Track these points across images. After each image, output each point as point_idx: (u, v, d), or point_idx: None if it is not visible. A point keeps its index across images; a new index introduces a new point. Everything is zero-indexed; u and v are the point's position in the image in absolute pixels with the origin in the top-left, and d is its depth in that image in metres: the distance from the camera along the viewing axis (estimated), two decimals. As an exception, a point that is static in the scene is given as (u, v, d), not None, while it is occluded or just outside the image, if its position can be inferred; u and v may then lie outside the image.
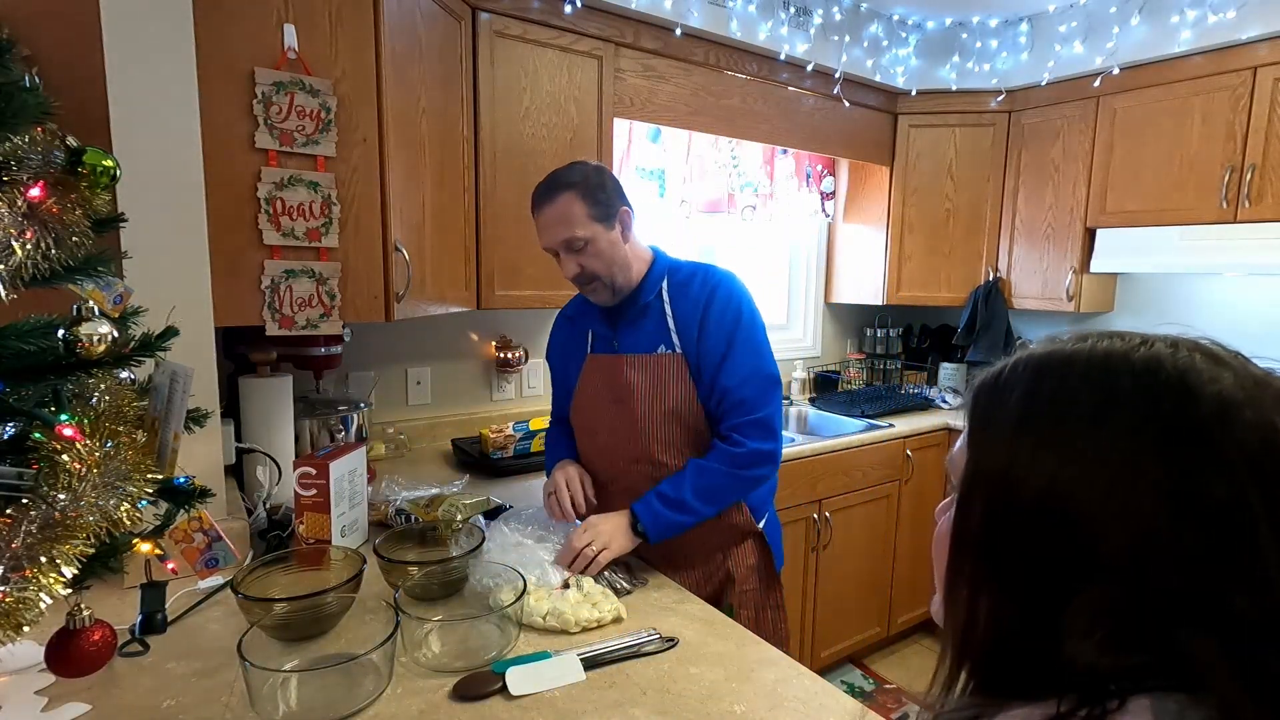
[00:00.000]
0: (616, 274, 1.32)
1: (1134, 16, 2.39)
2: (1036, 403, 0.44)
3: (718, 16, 2.27)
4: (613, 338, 1.40)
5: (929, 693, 0.46)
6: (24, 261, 0.68)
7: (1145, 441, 0.39)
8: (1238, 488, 0.37)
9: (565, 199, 1.26)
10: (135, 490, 0.75)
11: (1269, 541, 0.37)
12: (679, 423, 1.35)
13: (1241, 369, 0.41)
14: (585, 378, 1.45)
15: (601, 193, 1.27)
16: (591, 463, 1.49)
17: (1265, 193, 2.18)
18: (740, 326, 1.31)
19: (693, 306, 1.33)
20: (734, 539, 1.40)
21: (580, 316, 1.48)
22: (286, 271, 1.42)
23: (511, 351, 2.33)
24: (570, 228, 1.26)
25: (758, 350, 1.33)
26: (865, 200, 3.05)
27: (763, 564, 1.42)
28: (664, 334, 1.35)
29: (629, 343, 1.38)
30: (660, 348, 1.35)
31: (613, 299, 1.36)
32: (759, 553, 1.42)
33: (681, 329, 1.34)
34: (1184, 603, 0.38)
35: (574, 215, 1.26)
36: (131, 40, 1.17)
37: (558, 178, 1.29)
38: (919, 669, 2.75)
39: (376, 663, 0.89)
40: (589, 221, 1.27)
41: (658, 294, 1.36)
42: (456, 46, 1.81)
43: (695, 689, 0.94)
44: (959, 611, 0.45)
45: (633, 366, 1.36)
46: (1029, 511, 0.42)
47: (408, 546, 1.25)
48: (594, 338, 1.45)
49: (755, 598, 1.41)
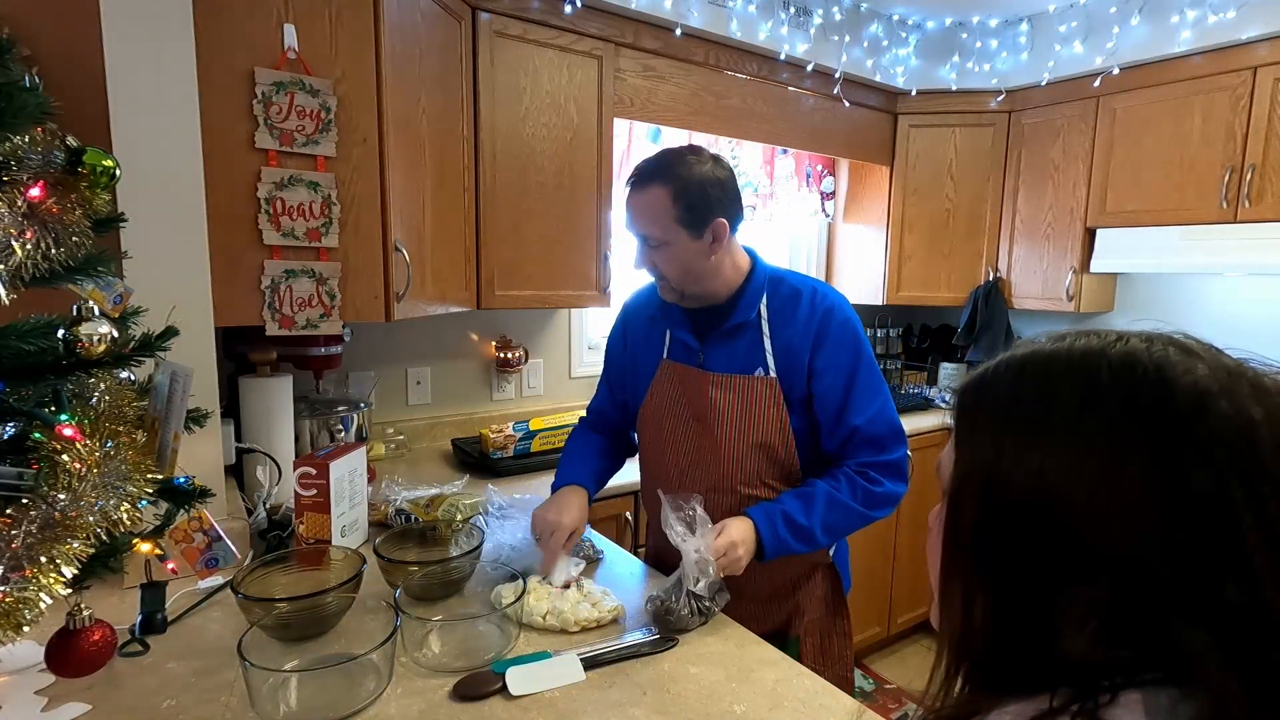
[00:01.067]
0: (689, 284, 1.21)
1: (1134, 16, 2.39)
2: (1020, 402, 0.45)
3: (718, 16, 2.27)
4: (699, 351, 1.27)
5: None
6: (24, 261, 0.68)
7: (1125, 435, 0.40)
8: (1218, 478, 0.38)
9: (654, 193, 1.15)
10: (135, 490, 0.75)
11: (1253, 530, 0.37)
12: (767, 454, 1.24)
13: (1214, 360, 0.42)
14: (660, 385, 1.33)
15: (699, 197, 1.15)
16: (658, 477, 1.36)
17: (1265, 193, 2.18)
18: (863, 360, 1.22)
19: (800, 331, 1.21)
20: (805, 571, 1.32)
21: (663, 317, 1.33)
22: (286, 271, 1.42)
23: (511, 351, 2.33)
24: (650, 224, 1.17)
25: (880, 388, 1.23)
26: (865, 200, 3.05)
27: (831, 592, 1.35)
28: (759, 356, 1.23)
29: (719, 360, 1.25)
30: (758, 370, 1.23)
31: (680, 301, 1.25)
32: (827, 581, 1.35)
33: (779, 352, 1.22)
34: (1176, 594, 0.38)
35: (658, 212, 1.15)
36: (131, 40, 1.17)
37: (657, 165, 1.17)
38: (919, 669, 2.75)
39: (376, 663, 0.89)
40: (673, 224, 1.15)
41: (757, 312, 1.24)
42: (456, 46, 1.81)
43: (695, 689, 0.94)
44: (954, 611, 0.46)
45: (720, 386, 1.24)
46: (1018, 508, 0.43)
47: (408, 546, 1.25)
48: (673, 342, 1.32)
49: (821, 625, 1.33)
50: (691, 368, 1.28)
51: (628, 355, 1.42)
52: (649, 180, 1.16)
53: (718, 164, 1.18)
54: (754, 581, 1.24)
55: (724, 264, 1.22)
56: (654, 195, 1.15)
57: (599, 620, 1.10)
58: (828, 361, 1.20)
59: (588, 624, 1.09)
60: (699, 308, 1.27)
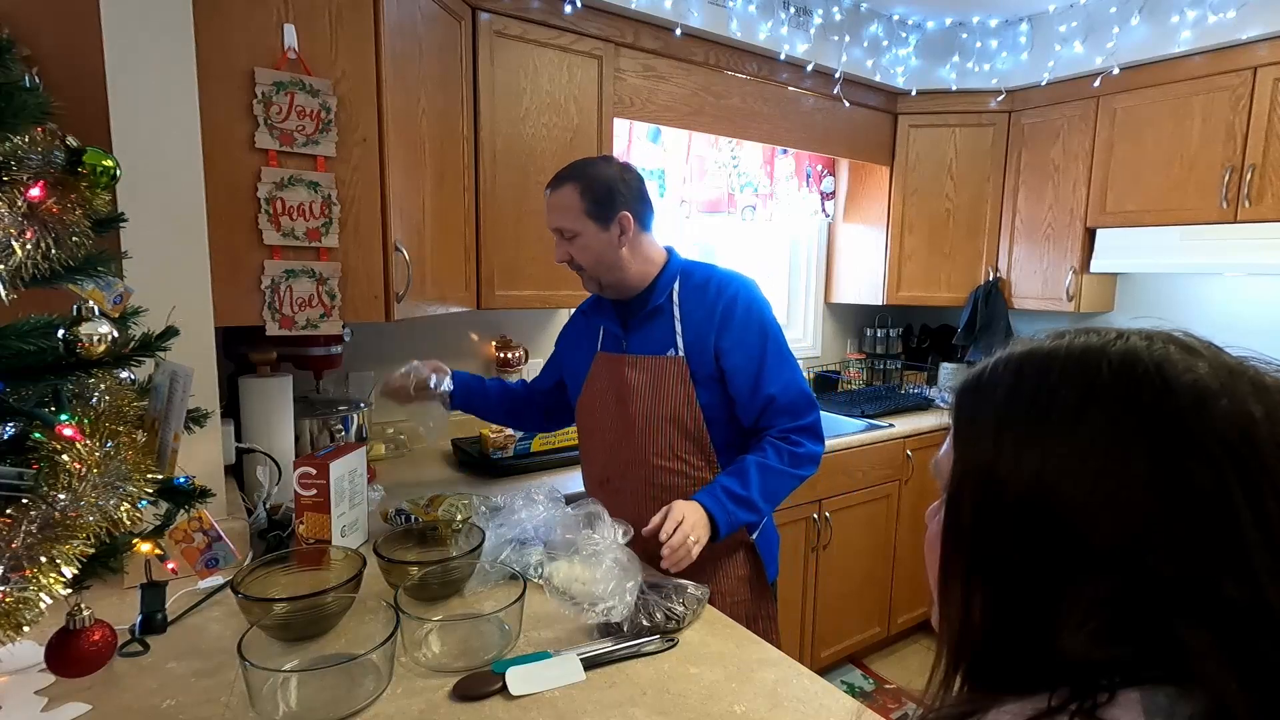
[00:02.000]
0: (603, 272, 1.35)
1: (1134, 16, 2.39)
2: (1018, 399, 0.45)
3: (718, 16, 2.27)
4: (623, 338, 1.42)
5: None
6: (24, 261, 0.68)
7: (1126, 433, 0.40)
8: (1219, 476, 0.38)
9: (566, 190, 1.31)
10: (135, 490, 0.75)
11: (1251, 529, 0.37)
12: (677, 427, 1.36)
13: (1215, 358, 0.41)
14: (592, 376, 1.46)
15: (604, 193, 1.30)
16: (591, 461, 1.51)
17: (1265, 193, 2.18)
18: (769, 336, 1.34)
19: (706, 312, 1.34)
20: (724, 550, 1.38)
21: (594, 312, 1.50)
22: (286, 271, 1.42)
23: (511, 351, 2.33)
24: (561, 217, 1.32)
25: (788, 359, 1.36)
26: (865, 200, 3.05)
27: (754, 574, 1.43)
28: (671, 337, 1.36)
29: (637, 344, 1.40)
30: (669, 351, 1.36)
31: (601, 291, 1.40)
32: (750, 564, 1.42)
33: (688, 332, 1.35)
34: (1177, 592, 0.38)
35: (568, 207, 1.31)
36: (131, 40, 1.17)
37: (570, 167, 1.34)
38: (919, 669, 2.75)
39: (376, 663, 0.89)
40: (581, 216, 1.30)
41: (668, 297, 1.37)
42: (456, 46, 1.81)
43: (695, 689, 0.94)
44: (953, 610, 0.46)
45: (634, 367, 1.38)
46: (1016, 507, 0.42)
47: (408, 546, 1.25)
48: (605, 335, 1.46)
49: (746, 608, 1.41)
50: (616, 355, 1.42)
51: (567, 347, 1.58)
52: (561, 180, 1.32)
53: (626, 169, 1.35)
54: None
55: (635, 256, 1.35)
56: (565, 192, 1.31)
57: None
58: (733, 341, 1.32)
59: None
60: (621, 299, 1.41)
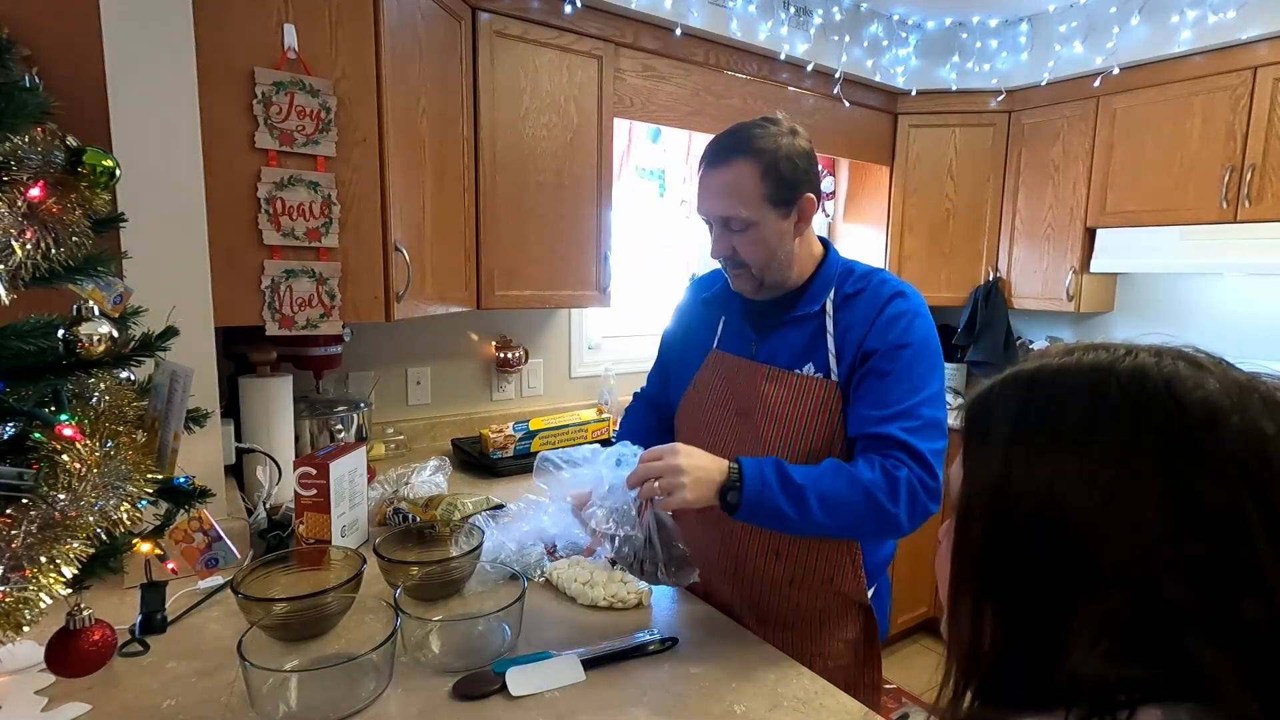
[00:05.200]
0: (771, 270, 1.10)
1: (1134, 16, 2.39)
2: (1028, 417, 0.44)
3: (718, 16, 2.27)
4: (754, 340, 1.17)
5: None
6: (24, 261, 0.68)
7: (1136, 451, 0.40)
8: (1231, 494, 0.37)
9: (740, 168, 1.04)
10: (135, 490, 0.75)
11: (1267, 548, 0.37)
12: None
13: (1224, 375, 0.41)
14: (705, 374, 1.23)
15: (788, 171, 1.04)
16: None
17: (1265, 193, 2.18)
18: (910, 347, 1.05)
19: (860, 323, 1.08)
20: (838, 607, 1.17)
21: (718, 302, 1.24)
22: (286, 271, 1.42)
23: (511, 351, 2.33)
24: (735, 204, 1.05)
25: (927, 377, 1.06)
26: (865, 200, 3.05)
27: (863, 638, 1.19)
28: (818, 353, 1.10)
29: (771, 351, 1.15)
30: (808, 367, 1.11)
31: (755, 293, 1.14)
32: (861, 626, 1.18)
33: (841, 351, 1.09)
34: (1191, 611, 0.37)
35: (744, 190, 1.04)
36: (131, 40, 1.17)
37: (743, 136, 1.05)
38: (919, 669, 2.75)
39: (376, 663, 0.89)
40: (760, 203, 1.04)
41: (822, 307, 1.12)
42: (456, 46, 1.80)
43: (695, 689, 0.94)
44: (963, 626, 0.45)
45: (772, 380, 1.12)
46: (1027, 524, 0.42)
47: (408, 546, 1.25)
48: (726, 329, 1.22)
49: (845, 675, 1.16)
50: (742, 359, 1.18)
51: (678, 341, 1.33)
52: (732, 155, 1.05)
53: (799, 134, 1.07)
54: (773, 601, 1.15)
55: (803, 248, 1.12)
56: (739, 172, 1.04)
57: (625, 601, 1.15)
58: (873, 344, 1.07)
59: (616, 602, 1.14)
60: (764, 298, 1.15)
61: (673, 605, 1.18)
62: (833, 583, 1.14)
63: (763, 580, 1.17)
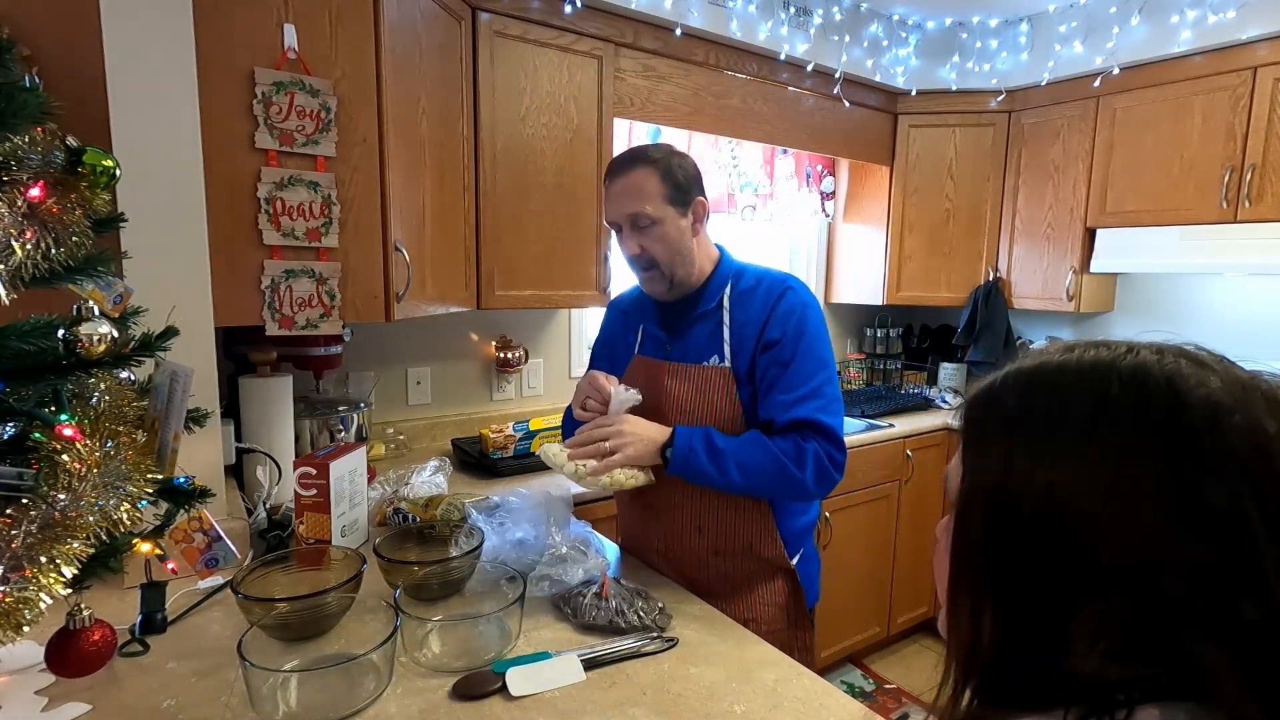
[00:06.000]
0: (677, 265, 1.25)
1: (1134, 16, 2.39)
2: (1029, 414, 0.44)
3: (718, 16, 2.27)
4: (666, 342, 1.32)
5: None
6: (24, 261, 0.68)
7: (1137, 449, 0.39)
8: (1232, 493, 0.37)
9: (642, 173, 1.22)
10: (135, 490, 0.75)
11: (1267, 547, 0.37)
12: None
13: (1226, 373, 0.41)
14: (628, 380, 1.34)
15: (682, 176, 1.23)
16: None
17: (1265, 193, 2.18)
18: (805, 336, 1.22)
19: (754, 317, 1.24)
20: (764, 573, 1.31)
21: (635, 312, 1.40)
22: (286, 271, 1.42)
23: (511, 351, 2.33)
24: (640, 202, 1.21)
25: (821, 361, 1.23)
26: (865, 200, 3.05)
27: (792, 601, 1.33)
28: (717, 344, 1.26)
29: (680, 350, 1.30)
30: (714, 358, 1.26)
31: (667, 292, 1.28)
32: (788, 590, 1.32)
33: (736, 341, 1.25)
34: (1190, 610, 0.37)
35: (647, 191, 1.21)
36: (131, 40, 1.17)
37: (639, 151, 1.25)
38: (919, 669, 2.75)
39: (376, 663, 0.89)
40: (661, 201, 1.21)
41: (718, 302, 1.28)
42: (456, 46, 1.81)
43: (695, 689, 0.94)
44: (962, 625, 0.45)
45: (676, 376, 1.28)
46: (1027, 522, 0.42)
47: (408, 546, 1.25)
48: (644, 336, 1.37)
49: (781, 637, 1.29)
50: (656, 360, 1.33)
51: (605, 351, 1.48)
52: (634, 163, 1.23)
53: (684, 154, 1.28)
54: (703, 573, 1.30)
55: (700, 249, 1.28)
56: (642, 175, 1.22)
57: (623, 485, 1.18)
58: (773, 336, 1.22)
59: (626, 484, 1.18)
60: (670, 300, 1.31)
61: (672, 606, 1.18)
62: (752, 548, 1.29)
63: (691, 554, 1.32)
